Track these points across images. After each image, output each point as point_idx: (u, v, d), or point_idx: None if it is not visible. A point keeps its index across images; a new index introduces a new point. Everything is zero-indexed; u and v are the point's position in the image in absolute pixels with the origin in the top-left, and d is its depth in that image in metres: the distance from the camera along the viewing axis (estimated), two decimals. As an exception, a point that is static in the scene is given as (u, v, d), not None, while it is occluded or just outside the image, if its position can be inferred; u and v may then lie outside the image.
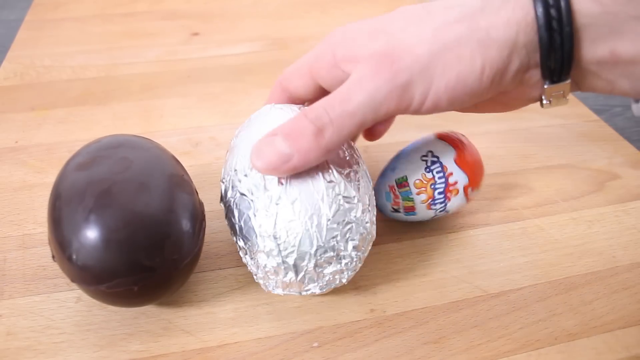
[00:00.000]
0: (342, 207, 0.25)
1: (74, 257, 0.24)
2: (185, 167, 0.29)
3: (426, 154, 0.30)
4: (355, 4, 0.62)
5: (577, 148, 0.41)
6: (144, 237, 0.24)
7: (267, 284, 0.27)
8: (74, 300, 0.29)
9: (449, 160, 0.30)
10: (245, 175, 0.26)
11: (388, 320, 0.28)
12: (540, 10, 0.22)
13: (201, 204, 0.28)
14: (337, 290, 0.30)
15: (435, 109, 0.24)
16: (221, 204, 0.28)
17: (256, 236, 0.25)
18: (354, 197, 0.25)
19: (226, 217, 0.28)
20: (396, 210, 0.31)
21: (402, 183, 0.30)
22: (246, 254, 0.27)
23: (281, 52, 0.52)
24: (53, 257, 0.25)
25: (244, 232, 0.26)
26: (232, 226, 0.27)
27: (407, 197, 0.30)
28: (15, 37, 0.54)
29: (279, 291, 0.27)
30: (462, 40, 0.23)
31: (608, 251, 0.32)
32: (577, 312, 0.29)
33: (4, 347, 0.26)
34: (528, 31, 0.23)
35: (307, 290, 0.26)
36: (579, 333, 0.28)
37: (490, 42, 0.23)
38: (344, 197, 0.25)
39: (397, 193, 0.30)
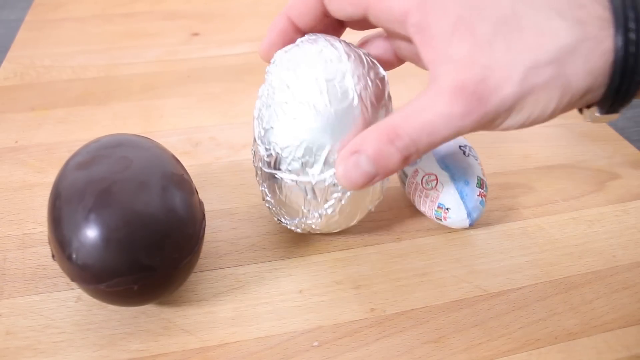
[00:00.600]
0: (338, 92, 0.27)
1: (74, 256, 0.24)
2: (185, 167, 0.28)
3: (464, 145, 0.32)
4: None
5: (577, 148, 0.41)
6: (144, 236, 0.24)
7: (287, 214, 0.29)
8: (73, 300, 0.29)
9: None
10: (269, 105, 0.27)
11: (388, 319, 0.28)
12: (620, 56, 0.22)
13: (201, 204, 0.28)
14: (337, 290, 0.30)
15: (499, 130, 0.25)
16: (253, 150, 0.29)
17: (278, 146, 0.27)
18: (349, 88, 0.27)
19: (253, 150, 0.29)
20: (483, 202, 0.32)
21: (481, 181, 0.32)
22: (264, 165, 0.28)
23: (281, 52, 0.52)
24: (53, 256, 0.25)
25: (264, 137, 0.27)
26: (256, 154, 0.29)
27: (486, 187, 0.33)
28: (15, 37, 0.54)
29: (297, 225, 0.29)
30: (547, 86, 0.23)
31: (608, 251, 0.32)
32: (577, 311, 0.29)
33: (4, 346, 0.26)
34: (604, 77, 0.23)
35: (326, 207, 0.28)
36: (579, 332, 0.28)
37: (569, 89, 0.23)
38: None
39: (483, 191, 0.32)
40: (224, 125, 0.42)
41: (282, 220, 0.30)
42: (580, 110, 0.26)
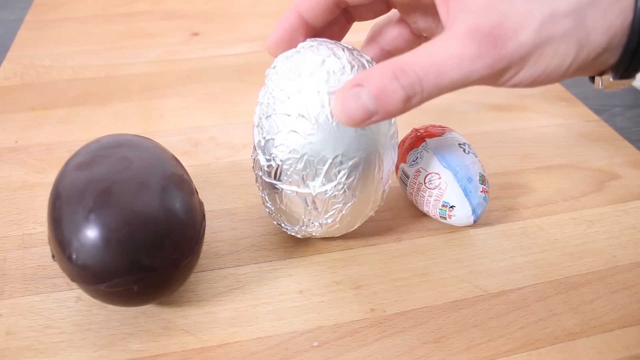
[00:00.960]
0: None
1: (74, 256, 0.24)
2: (185, 167, 0.28)
3: (463, 144, 0.32)
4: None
5: (577, 148, 0.41)
6: (144, 237, 0.24)
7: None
8: (73, 300, 0.29)
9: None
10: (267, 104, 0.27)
11: (388, 319, 0.28)
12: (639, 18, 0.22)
13: (201, 204, 0.28)
14: (337, 290, 0.30)
15: (512, 87, 0.24)
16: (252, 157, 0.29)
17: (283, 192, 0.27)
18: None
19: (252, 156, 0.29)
20: (486, 198, 0.32)
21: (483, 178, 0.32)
22: (265, 175, 0.28)
23: (281, 52, 0.52)
24: (53, 256, 0.25)
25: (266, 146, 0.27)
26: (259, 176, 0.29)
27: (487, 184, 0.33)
28: (15, 37, 0.54)
29: (294, 228, 0.29)
30: (565, 37, 0.22)
31: (608, 251, 0.32)
32: (577, 311, 0.29)
33: (4, 346, 0.26)
34: (621, 35, 0.23)
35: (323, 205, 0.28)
36: (579, 333, 0.28)
37: (587, 43, 0.23)
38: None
39: (486, 187, 0.32)
40: (224, 125, 0.42)
41: (282, 225, 0.30)
42: (592, 79, 0.26)
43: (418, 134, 0.33)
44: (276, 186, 0.27)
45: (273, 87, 0.27)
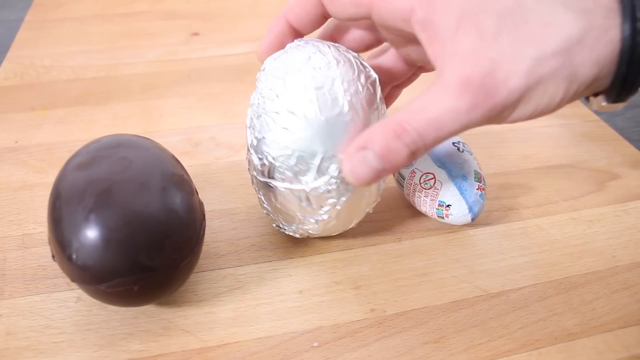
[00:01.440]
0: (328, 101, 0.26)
1: (74, 256, 0.24)
2: (185, 167, 0.28)
3: (457, 142, 0.32)
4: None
5: (577, 148, 0.41)
6: (144, 237, 0.24)
7: (280, 217, 0.29)
8: (73, 300, 0.29)
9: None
10: (281, 163, 0.27)
11: (388, 320, 0.28)
12: (627, 45, 0.22)
13: (201, 204, 0.28)
14: (337, 290, 0.30)
15: (506, 123, 0.25)
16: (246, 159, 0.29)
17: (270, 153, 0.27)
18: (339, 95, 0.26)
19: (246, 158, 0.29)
20: (483, 196, 0.32)
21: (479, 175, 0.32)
22: (259, 174, 0.28)
23: (281, 52, 0.52)
24: (53, 256, 0.25)
25: (257, 147, 0.27)
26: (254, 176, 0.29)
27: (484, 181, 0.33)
28: (15, 37, 0.54)
29: (292, 228, 0.30)
30: (554, 77, 0.23)
31: (608, 251, 0.32)
32: (577, 311, 0.29)
33: (4, 346, 0.26)
34: (610, 67, 0.23)
35: (319, 209, 0.28)
36: (579, 333, 0.28)
37: (576, 79, 0.23)
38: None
39: (482, 185, 0.32)
40: (224, 125, 0.42)
41: (280, 226, 0.30)
42: (587, 98, 0.26)
43: None
44: (270, 184, 0.28)
45: (262, 87, 0.27)
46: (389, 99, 0.32)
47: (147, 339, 0.27)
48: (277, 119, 0.26)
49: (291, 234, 0.30)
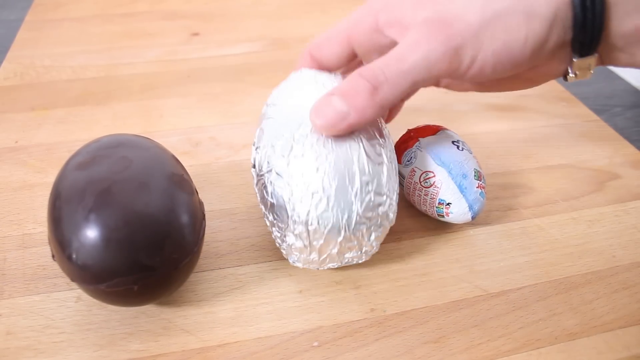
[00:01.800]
0: (372, 203, 0.26)
1: (74, 256, 0.24)
2: (185, 167, 0.28)
3: (457, 141, 0.32)
4: (355, 3, 0.62)
5: (577, 148, 0.41)
6: (144, 237, 0.24)
7: (289, 255, 0.29)
8: (73, 300, 0.29)
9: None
10: (283, 156, 0.26)
11: (388, 319, 0.28)
12: None
13: (201, 204, 0.28)
14: (337, 290, 0.30)
15: (480, 74, 0.26)
16: (253, 170, 0.29)
17: (288, 217, 0.26)
18: (384, 193, 0.26)
19: (256, 185, 0.29)
20: (483, 194, 0.32)
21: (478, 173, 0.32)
22: (274, 226, 0.28)
23: (281, 52, 0.52)
24: (53, 256, 0.25)
25: (275, 209, 0.27)
26: (262, 198, 0.28)
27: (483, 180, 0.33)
28: (15, 37, 0.54)
29: (299, 265, 0.29)
30: (510, 11, 0.24)
31: (608, 251, 0.32)
32: (577, 311, 0.29)
33: (4, 346, 0.26)
34: (565, 9, 0.24)
35: (324, 267, 0.28)
36: (580, 332, 0.28)
37: (534, 15, 0.24)
38: (375, 192, 0.26)
39: (482, 183, 0.32)
40: (224, 125, 0.42)
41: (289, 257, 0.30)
42: (566, 77, 0.27)
43: (411, 134, 0.33)
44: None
45: (266, 154, 0.27)
46: (393, 109, 0.34)
47: (147, 339, 0.27)
48: (287, 197, 0.26)
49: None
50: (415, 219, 0.34)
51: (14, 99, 0.45)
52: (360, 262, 0.29)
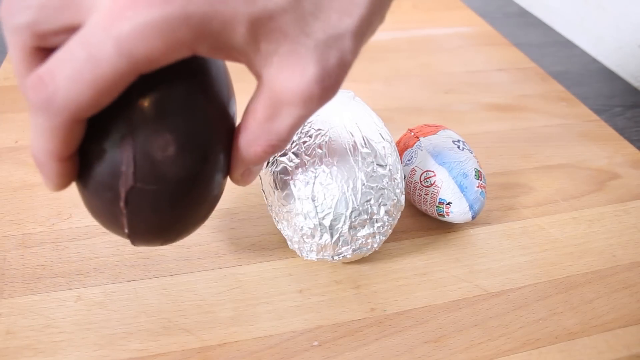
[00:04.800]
0: (375, 173, 0.27)
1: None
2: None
3: (457, 140, 0.32)
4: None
5: (577, 148, 0.41)
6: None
7: (302, 248, 0.29)
8: (73, 300, 0.29)
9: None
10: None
11: (388, 319, 0.28)
12: None
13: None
14: (337, 289, 0.30)
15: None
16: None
17: (294, 200, 0.27)
18: (386, 165, 0.27)
19: (263, 187, 0.30)
20: (483, 193, 0.32)
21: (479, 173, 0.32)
22: (283, 218, 0.28)
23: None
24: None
25: (282, 197, 0.27)
26: (268, 195, 0.29)
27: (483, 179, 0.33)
28: (15, 37, 0.54)
29: (313, 256, 0.28)
30: None
31: (608, 250, 0.32)
32: (577, 311, 0.29)
33: (4, 346, 0.26)
34: None
35: (339, 255, 0.28)
36: (580, 332, 0.28)
37: None
38: (377, 164, 0.27)
39: (482, 182, 0.32)
40: (224, 126, 0.42)
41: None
42: None
43: (412, 133, 0.33)
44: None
45: (272, 191, 0.29)
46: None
47: (146, 338, 0.27)
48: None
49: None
50: (415, 219, 0.34)
51: (14, 99, 0.45)
52: (376, 246, 0.28)
